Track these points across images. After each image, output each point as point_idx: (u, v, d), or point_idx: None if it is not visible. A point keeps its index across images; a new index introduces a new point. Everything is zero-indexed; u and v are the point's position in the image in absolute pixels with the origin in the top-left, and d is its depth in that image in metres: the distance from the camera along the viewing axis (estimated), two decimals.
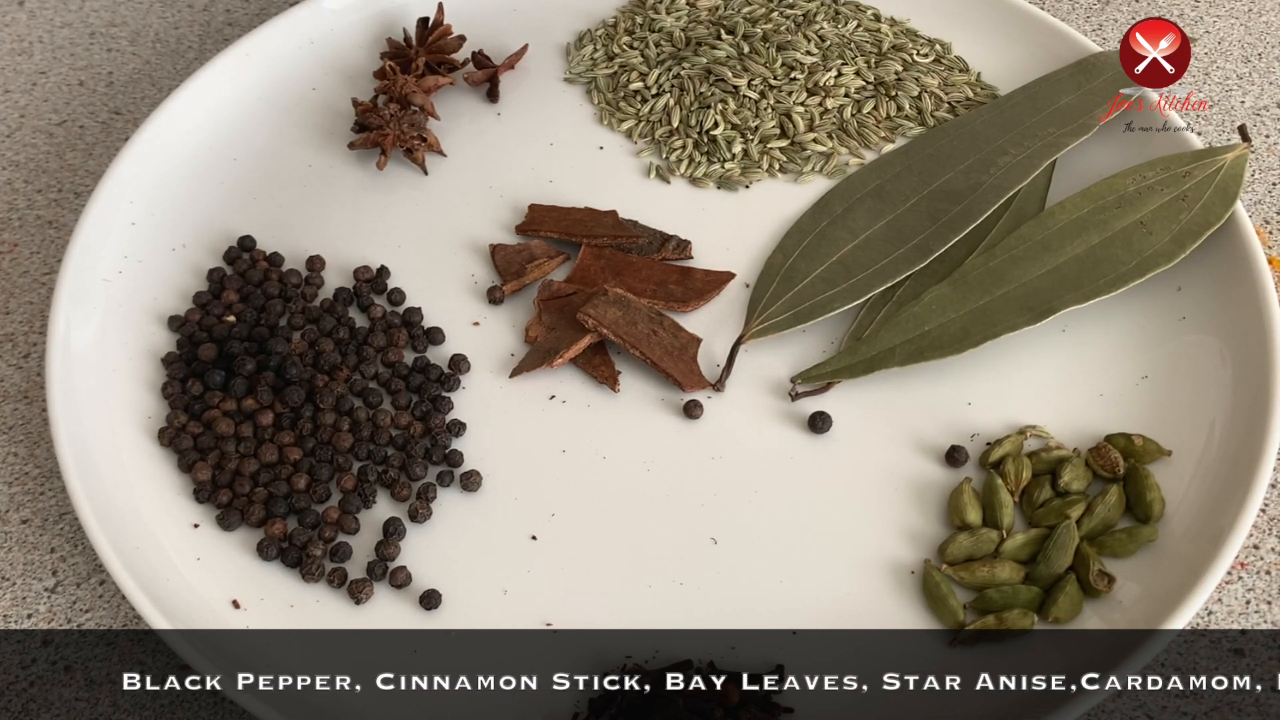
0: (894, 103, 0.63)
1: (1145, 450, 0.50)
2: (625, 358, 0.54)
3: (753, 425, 0.53)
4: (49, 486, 0.53)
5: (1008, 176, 0.58)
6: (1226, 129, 0.66)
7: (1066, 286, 0.53)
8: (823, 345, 0.55)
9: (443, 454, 0.51)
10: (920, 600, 0.47)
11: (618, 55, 0.66)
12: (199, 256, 0.58)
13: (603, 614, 0.47)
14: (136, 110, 0.69)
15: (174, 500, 0.50)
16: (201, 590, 0.47)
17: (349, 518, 0.49)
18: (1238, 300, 0.53)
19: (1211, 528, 0.47)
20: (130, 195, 0.59)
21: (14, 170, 0.66)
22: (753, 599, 0.47)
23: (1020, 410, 0.52)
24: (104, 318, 0.55)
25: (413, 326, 0.55)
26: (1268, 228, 0.62)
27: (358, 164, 0.62)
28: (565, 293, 0.56)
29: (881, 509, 0.50)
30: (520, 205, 0.60)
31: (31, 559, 0.51)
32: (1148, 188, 0.56)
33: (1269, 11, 0.73)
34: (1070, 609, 0.46)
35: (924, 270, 0.55)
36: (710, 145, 0.62)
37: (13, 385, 0.57)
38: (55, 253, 0.62)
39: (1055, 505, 0.49)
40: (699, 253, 0.58)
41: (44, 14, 0.75)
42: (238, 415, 0.52)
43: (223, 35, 0.73)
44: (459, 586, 0.48)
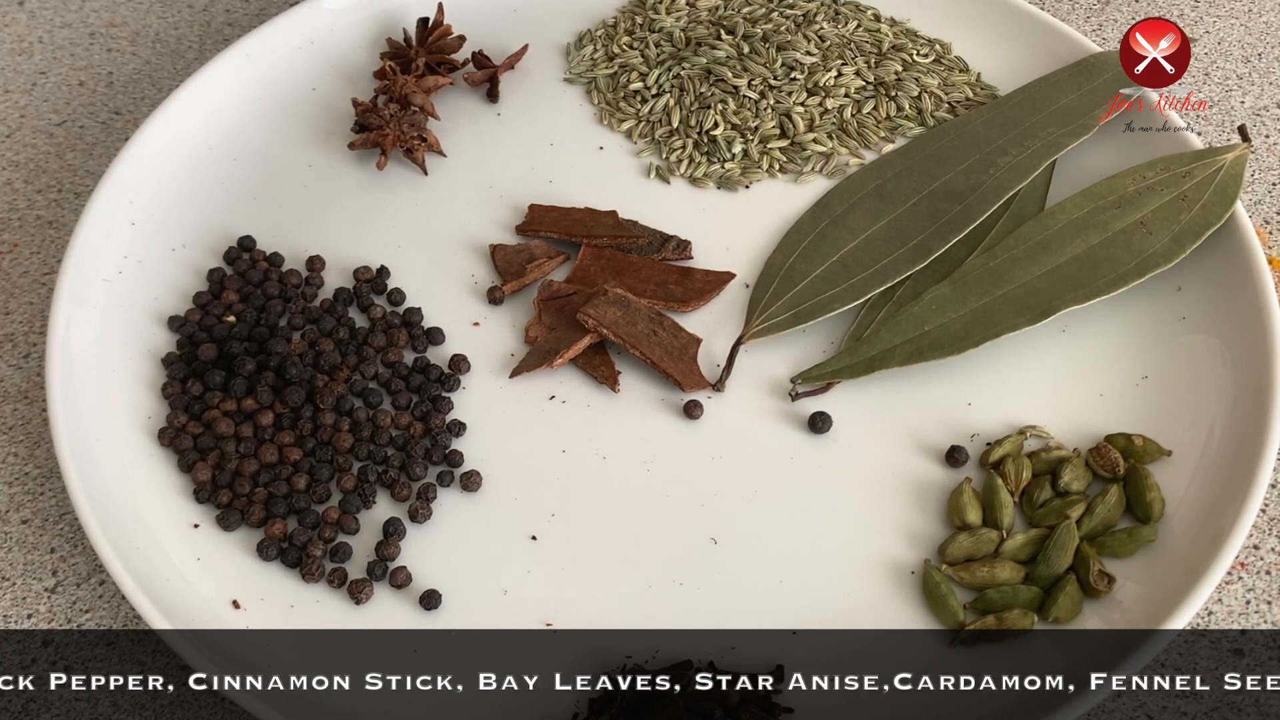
0: (894, 103, 0.63)
1: (1145, 450, 0.50)
2: (625, 358, 0.54)
3: (753, 425, 0.53)
4: (49, 486, 0.53)
5: (1008, 176, 0.58)
6: (1226, 129, 0.66)
7: (1066, 286, 0.53)
8: (823, 345, 0.55)
9: (443, 454, 0.51)
10: (920, 600, 0.47)
11: (618, 55, 0.66)
12: (199, 256, 0.58)
13: (603, 614, 0.47)
14: (136, 110, 0.69)
15: (174, 500, 0.50)
16: (201, 590, 0.47)
17: (349, 518, 0.49)
18: (1238, 300, 0.53)
19: (1211, 528, 0.47)
20: (130, 195, 0.59)
21: (14, 170, 0.66)
22: (753, 599, 0.47)
23: (1020, 410, 0.52)
24: (104, 318, 0.55)
25: (413, 326, 0.55)
26: (1268, 228, 0.62)
27: (358, 164, 0.62)
28: (565, 293, 0.56)
29: (881, 509, 0.50)
30: (520, 205, 0.60)
31: (31, 559, 0.51)
32: (1148, 188, 0.56)
33: (1269, 11, 0.73)
34: (1070, 609, 0.46)
35: (924, 270, 0.55)
36: (710, 145, 0.62)
37: (13, 385, 0.57)
38: (55, 253, 0.62)
39: (1055, 505, 0.49)
40: (699, 253, 0.58)
41: (44, 14, 0.75)
42: (238, 415, 0.52)
43: (223, 35, 0.73)
44: (459, 586, 0.48)
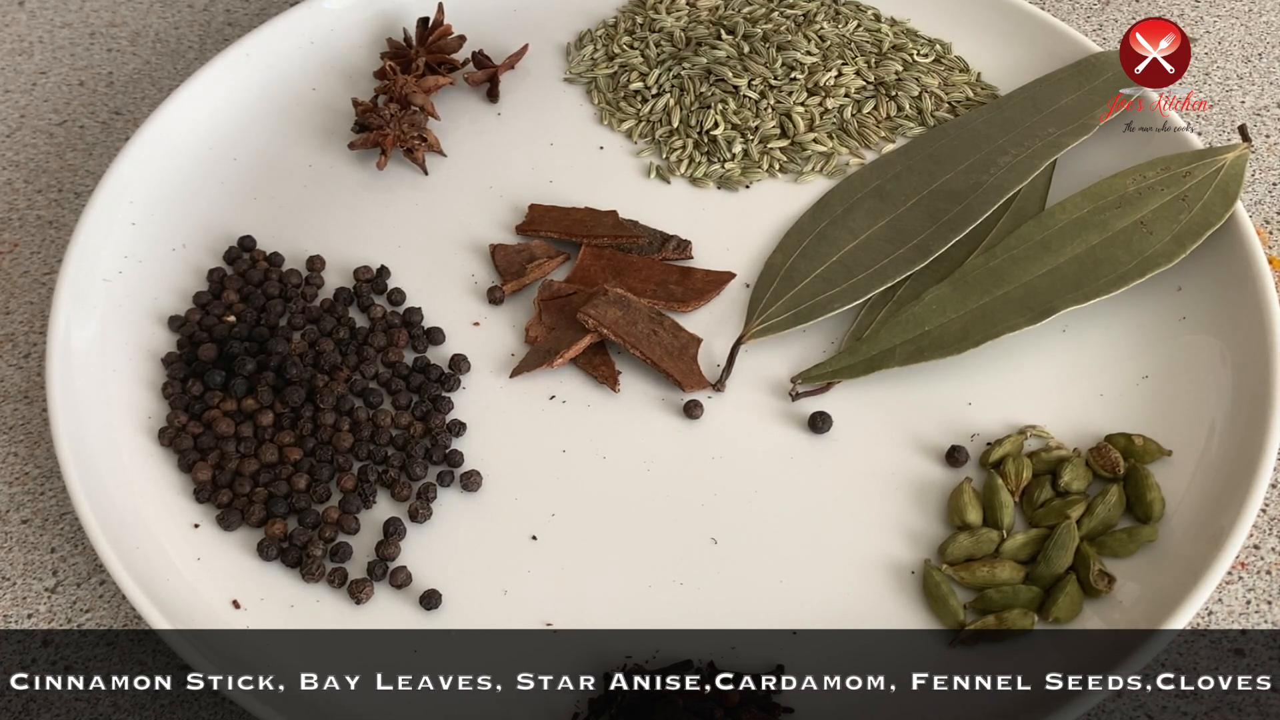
0: (894, 103, 0.63)
1: (1145, 450, 0.50)
2: (625, 358, 0.54)
3: (753, 425, 0.53)
4: (49, 486, 0.53)
5: (1008, 176, 0.58)
6: (1226, 129, 0.66)
7: (1066, 286, 0.53)
8: (823, 345, 0.55)
9: (443, 454, 0.51)
10: (920, 600, 0.47)
11: (618, 55, 0.66)
12: (199, 256, 0.58)
13: (603, 614, 0.47)
14: (136, 110, 0.69)
15: (174, 500, 0.50)
16: (201, 590, 0.47)
17: (349, 518, 0.49)
18: (1238, 300, 0.53)
19: (1211, 528, 0.47)
20: (130, 195, 0.59)
21: (14, 170, 0.66)
22: (753, 599, 0.47)
23: (1020, 410, 0.52)
24: (104, 318, 0.55)
25: (413, 326, 0.55)
26: (1268, 228, 0.62)
27: (358, 164, 0.62)
28: (565, 293, 0.56)
29: (881, 509, 0.50)
30: (520, 205, 0.60)
31: (31, 559, 0.51)
32: (1148, 188, 0.56)
33: (1269, 11, 0.73)
34: (1070, 609, 0.46)
35: (924, 270, 0.55)
36: (710, 145, 0.62)
37: (13, 385, 0.57)
38: (55, 253, 0.62)
39: (1055, 505, 0.49)
40: (699, 253, 0.58)
41: (44, 14, 0.75)
42: (238, 415, 0.52)
43: (223, 35, 0.73)
44: (459, 586, 0.48)
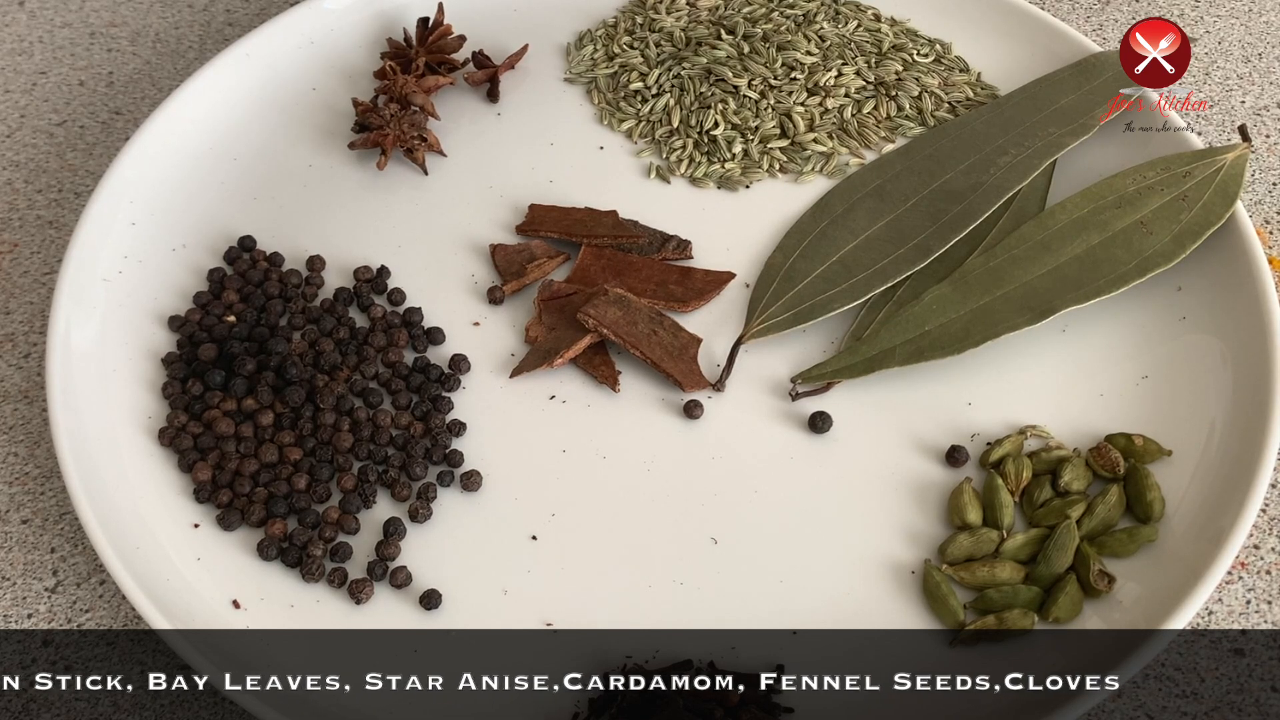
0: (894, 103, 0.63)
1: (1145, 450, 0.50)
2: (625, 358, 0.54)
3: (753, 425, 0.53)
4: (49, 486, 0.53)
5: (1008, 176, 0.58)
6: (1226, 129, 0.66)
7: (1066, 286, 0.53)
8: (823, 345, 0.55)
9: (443, 454, 0.51)
10: (920, 600, 0.47)
11: (618, 55, 0.66)
12: (199, 256, 0.58)
13: (603, 614, 0.47)
14: (136, 110, 0.69)
15: (174, 500, 0.50)
16: (201, 590, 0.47)
17: (349, 518, 0.49)
18: (1238, 300, 0.53)
19: (1211, 528, 0.47)
20: (130, 195, 0.59)
21: (14, 170, 0.66)
22: (753, 599, 0.47)
23: (1020, 410, 0.52)
24: (104, 318, 0.55)
25: (413, 326, 0.55)
26: (1268, 228, 0.62)
27: (358, 164, 0.62)
28: (565, 293, 0.56)
29: (881, 509, 0.50)
30: (520, 205, 0.60)
31: (31, 559, 0.51)
32: (1148, 188, 0.56)
33: (1269, 11, 0.73)
34: (1070, 609, 0.46)
35: (924, 270, 0.55)
36: (710, 145, 0.62)
37: (13, 385, 0.56)
38: (55, 253, 0.62)
39: (1055, 505, 0.49)
40: (699, 253, 0.58)
41: (44, 14, 0.75)
42: (238, 415, 0.52)
43: (223, 35, 0.73)
44: (459, 586, 0.48)
